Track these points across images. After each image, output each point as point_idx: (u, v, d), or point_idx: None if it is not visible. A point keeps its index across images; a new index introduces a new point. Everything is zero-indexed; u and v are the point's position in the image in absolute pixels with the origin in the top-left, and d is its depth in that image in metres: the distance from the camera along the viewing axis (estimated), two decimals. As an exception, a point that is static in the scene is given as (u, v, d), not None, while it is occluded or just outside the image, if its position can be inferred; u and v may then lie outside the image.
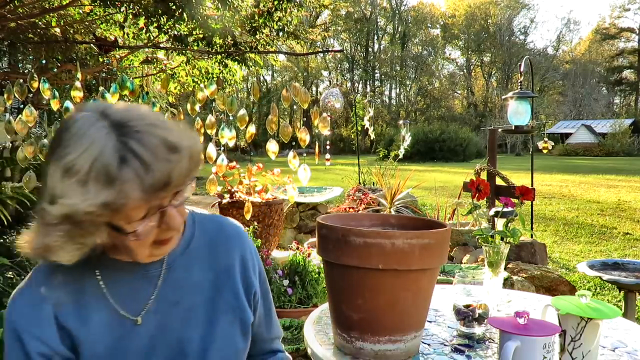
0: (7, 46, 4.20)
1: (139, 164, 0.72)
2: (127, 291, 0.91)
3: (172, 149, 0.75)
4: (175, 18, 3.41)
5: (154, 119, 0.78)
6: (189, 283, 0.96)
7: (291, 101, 3.15)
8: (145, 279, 0.93)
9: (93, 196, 0.71)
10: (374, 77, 50.77)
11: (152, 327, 0.92)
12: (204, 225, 1.03)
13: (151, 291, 0.93)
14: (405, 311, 1.11)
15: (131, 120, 0.76)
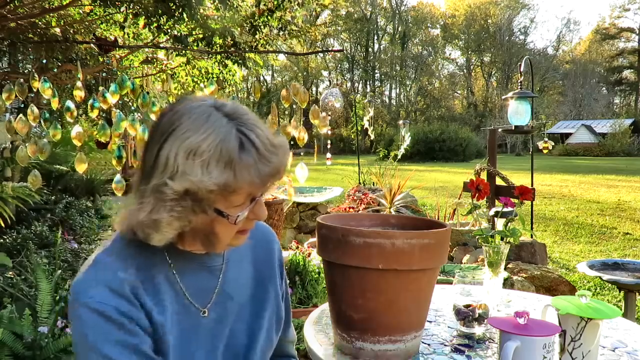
0: (7, 46, 4.19)
1: (255, 152, 0.80)
2: (195, 282, 0.94)
3: (274, 145, 0.83)
4: (175, 18, 3.41)
5: (255, 118, 0.86)
6: (241, 278, 1.02)
7: (291, 101, 3.15)
8: (209, 272, 0.97)
9: (216, 176, 0.78)
10: (374, 77, 50.77)
11: (213, 320, 0.95)
12: None
13: (215, 284, 0.97)
14: (405, 311, 1.11)
15: (243, 114, 0.84)
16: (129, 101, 4.68)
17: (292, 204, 5.52)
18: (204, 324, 0.94)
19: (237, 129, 0.81)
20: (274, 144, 0.83)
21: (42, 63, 4.12)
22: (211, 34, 3.87)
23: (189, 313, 0.92)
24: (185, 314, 0.91)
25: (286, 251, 3.87)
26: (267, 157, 0.81)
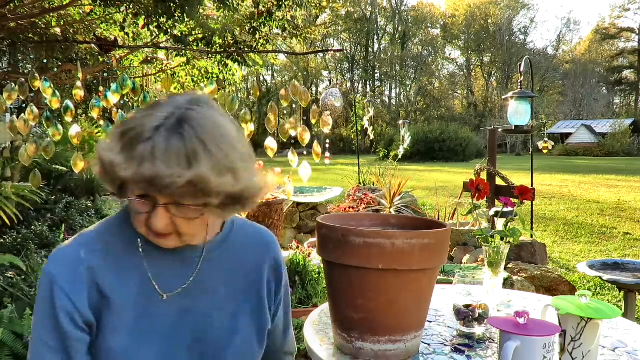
0: (7, 46, 4.20)
1: (150, 151, 0.77)
2: (164, 268, 0.95)
3: (188, 162, 0.77)
4: (175, 18, 3.41)
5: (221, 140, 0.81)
6: (221, 276, 1.00)
7: (291, 100, 3.15)
8: (182, 262, 0.96)
9: (110, 147, 0.81)
10: (374, 77, 50.77)
11: (178, 308, 0.95)
12: (244, 229, 1.08)
13: (187, 274, 0.96)
14: (405, 311, 1.11)
15: (199, 119, 0.81)
16: (129, 101, 4.69)
17: (292, 204, 5.52)
18: (165, 311, 0.93)
19: (172, 127, 0.79)
20: (190, 161, 0.77)
21: (43, 63, 4.12)
22: (211, 34, 3.87)
23: (152, 298, 0.93)
24: (148, 298, 0.93)
25: (286, 251, 3.87)
26: (155, 163, 0.77)
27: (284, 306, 1.14)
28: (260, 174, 0.92)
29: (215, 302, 0.98)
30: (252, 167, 0.89)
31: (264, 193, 0.93)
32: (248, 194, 0.87)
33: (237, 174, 0.82)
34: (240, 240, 1.05)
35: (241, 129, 0.91)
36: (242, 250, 1.04)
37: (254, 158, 0.91)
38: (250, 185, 0.86)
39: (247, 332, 1.01)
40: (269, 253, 1.09)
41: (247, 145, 0.89)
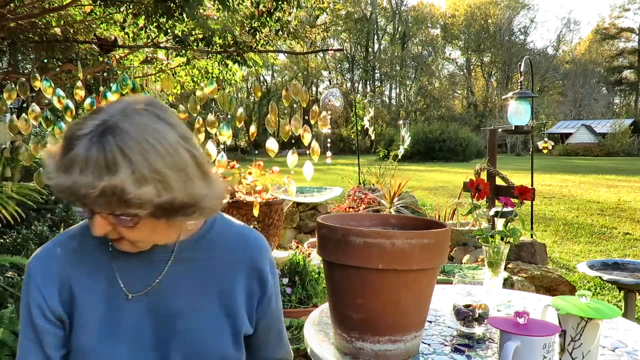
0: (7, 46, 4.20)
1: (71, 161, 0.76)
2: (132, 269, 0.96)
3: (106, 171, 0.75)
4: (175, 18, 3.41)
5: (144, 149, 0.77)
6: (194, 276, 0.98)
7: (291, 100, 3.15)
8: (150, 263, 0.96)
9: (53, 159, 0.80)
10: (374, 77, 50.77)
11: (144, 309, 0.95)
12: (227, 229, 1.05)
13: (155, 275, 0.96)
14: (405, 311, 1.11)
15: (120, 133, 0.77)
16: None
17: (292, 204, 5.52)
18: (131, 310, 0.94)
19: (101, 136, 0.77)
20: (109, 170, 0.75)
21: (43, 63, 4.12)
22: (211, 34, 3.87)
23: (118, 298, 0.95)
24: (114, 298, 0.95)
25: (286, 251, 3.87)
26: (70, 172, 0.76)
27: (273, 313, 1.09)
28: (214, 182, 0.89)
29: (186, 303, 0.96)
30: (194, 175, 0.83)
31: (215, 201, 0.90)
32: (187, 203, 0.82)
33: (166, 183, 0.78)
34: (220, 241, 1.02)
35: (189, 136, 0.86)
36: (221, 252, 1.01)
37: (203, 165, 0.86)
38: (190, 194, 0.82)
39: (221, 336, 0.98)
40: (251, 257, 1.04)
41: (191, 152, 0.84)
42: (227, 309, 0.99)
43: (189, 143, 0.84)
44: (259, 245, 1.06)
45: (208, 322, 0.97)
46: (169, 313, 0.96)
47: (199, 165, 0.85)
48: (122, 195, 0.76)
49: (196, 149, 0.86)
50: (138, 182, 0.76)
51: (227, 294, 1.00)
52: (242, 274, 1.02)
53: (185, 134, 0.85)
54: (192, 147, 0.85)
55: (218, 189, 0.91)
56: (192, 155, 0.84)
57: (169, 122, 0.83)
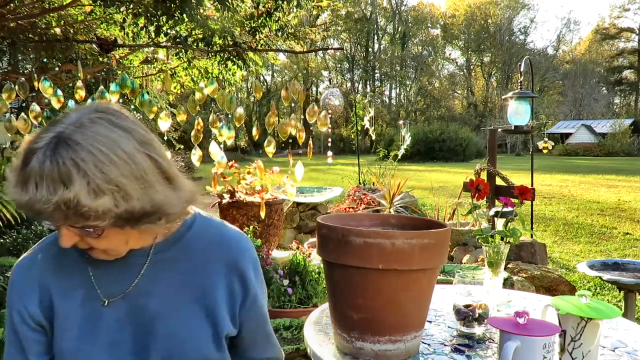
0: (7, 46, 4.20)
1: (27, 176, 0.75)
2: (107, 274, 0.96)
3: (61, 185, 0.74)
4: (175, 18, 3.41)
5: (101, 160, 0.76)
6: (172, 278, 0.97)
7: (291, 100, 3.16)
8: (126, 267, 0.96)
9: (13, 173, 0.79)
10: (374, 77, 50.77)
11: (122, 312, 0.95)
12: (205, 230, 1.03)
13: (131, 280, 0.96)
14: (405, 311, 1.11)
15: (74, 145, 0.76)
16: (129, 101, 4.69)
17: (292, 204, 5.51)
18: (108, 315, 0.94)
19: (56, 147, 0.76)
20: (61, 185, 0.73)
21: (43, 63, 4.12)
22: (211, 34, 3.87)
23: (95, 303, 0.95)
24: (92, 303, 0.95)
25: (286, 251, 3.87)
26: (26, 186, 0.75)
27: (258, 314, 1.07)
28: (180, 186, 0.87)
29: (165, 306, 0.95)
30: (155, 181, 0.81)
31: (183, 205, 0.88)
32: (149, 211, 0.80)
33: (123, 192, 0.77)
34: (198, 242, 1.00)
35: (148, 140, 0.83)
36: (200, 252, 0.99)
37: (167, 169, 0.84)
38: (152, 202, 0.80)
39: (201, 337, 0.97)
40: (231, 257, 1.01)
41: (151, 157, 0.82)
42: (208, 310, 0.98)
43: (148, 147, 0.82)
44: (239, 244, 1.04)
45: (188, 324, 0.96)
46: (147, 316, 0.95)
47: (161, 170, 0.83)
48: (78, 208, 0.74)
49: (158, 152, 0.84)
50: (94, 194, 0.74)
51: (207, 295, 0.98)
52: (222, 275, 1.00)
53: (144, 139, 0.82)
54: (153, 151, 0.83)
55: (185, 193, 0.88)
56: (153, 160, 0.82)
57: (125, 128, 0.81)
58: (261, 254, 3.22)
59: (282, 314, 2.98)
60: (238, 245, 1.04)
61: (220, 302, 0.99)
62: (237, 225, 3.73)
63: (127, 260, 0.95)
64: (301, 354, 2.54)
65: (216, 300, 0.98)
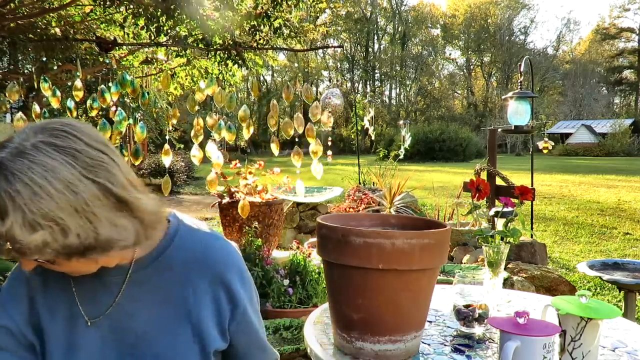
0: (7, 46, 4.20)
1: None
2: (89, 293, 0.92)
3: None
4: (175, 18, 3.41)
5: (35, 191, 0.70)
6: (153, 296, 0.93)
7: (292, 99, 3.16)
8: (104, 285, 0.92)
9: None
10: (374, 77, 50.76)
11: (106, 331, 0.91)
12: (186, 243, 0.97)
13: (110, 299, 0.92)
14: (405, 311, 1.11)
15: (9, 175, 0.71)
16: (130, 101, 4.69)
17: (292, 204, 5.51)
18: (91, 336, 0.90)
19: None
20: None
21: (43, 62, 4.12)
22: (211, 34, 3.87)
23: (78, 323, 0.91)
24: (74, 322, 0.91)
25: (286, 251, 3.87)
26: None
27: (249, 325, 1.01)
28: (138, 207, 0.80)
29: (148, 325, 0.92)
30: (103, 209, 0.75)
31: (144, 230, 0.82)
32: (93, 244, 0.75)
33: (63, 226, 0.71)
34: (180, 256, 0.95)
35: (98, 162, 0.76)
36: (182, 267, 0.94)
37: (120, 192, 0.77)
38: (97, 234, 0.75)
39: (188, 356, 0.93)
40: (215, 271, 0.95)
41: (98, 182, 0.75)
42: (193, 327, 0.93)
43: (96, 172, 0.75)
44: (223, 256, 0.98)
45: (174, 343, 0.92)
46: (132, 337, 0.91)
47: (113, 195, 0.76)
48: (13, 242, 0.70)
49: (108, 176, 0.76)
50: (29, 228, 0.70)
51: (191, 312, 0.94)
52: (206, 290, 0.95)
53: (93, 162, 0.75)
54: (103, 176, 0.76)
55: (147, 215, 0.82)
56: (101, 187, 0.75)
57: (69, 152, 0.74)
58: (261, 254, 3.22)
59: (282, 314, 2.98)
60: (222, 257, 0.98)
61: (207, 319, 0.94)
62: (237, 225, 3.75)
63: (105, 279, 0.91)
64: (301, 354, 2.54)
65: (202, 317, 0.94)
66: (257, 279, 3.11)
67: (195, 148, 3.23)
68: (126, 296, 0.92)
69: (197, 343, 0.93)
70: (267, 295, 3.10)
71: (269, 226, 3.82)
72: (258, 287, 3.09)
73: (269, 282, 3.11)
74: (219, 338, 0.96)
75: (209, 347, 0.94)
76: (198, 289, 0.94)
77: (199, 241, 0.97)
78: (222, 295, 0.96)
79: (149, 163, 12.28)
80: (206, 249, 0.97)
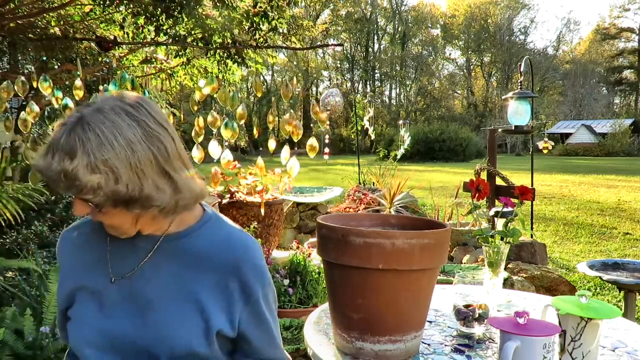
0: (7, 45, 4.20)
1: (46, 146, 0.85)
2: (120, 254, 1.04)
3: (67, 158, 0.83)
4: (174, 18, 3.41)
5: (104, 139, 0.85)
6: (172, 268, 1.02)
7: (290, 97, 3.16)
8: (135, 250, 1.03)
9: None
10: (374, 77, 50.74)
11: (126, 291, 1.01)
12: (215, 230, 1.06)
13: (137, 263, 1.02)
14: (405, 311, 1.11)
15: (85, 125, 0.85)
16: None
17: (292, 204, 5.51)
18: (113, 292, 1.02)
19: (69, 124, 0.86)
20: (50, 149, 0.84)
21: (43, 62, 4.12)
22: (210, 33, 3.87)
23: (105, 278, 1.03)
24: (103, 278, 1.03)
25: (286, 251, 3.87)
26: (41, 153, 0.85)
27: (261, 320, 1.05)
28: (182, 183, 0.92)
29: (159, 293, 1.00)
30: (152, 172, 0.89)
31: (180, 202, 0.93)
32: (135, 197, 0.87)
33: (116, 175, 0.84)
34: (207, 240, 1.03)
35: (157, 135, 0.90)
36: (204, 250, 1.02)
37: (168, 164, 0.91)
38: (141, 190, 0.87)
39: (190, 330, 0.99)
40: (233, 262, 1.02)
41: (153, 151, 0.89)
42: (199, 305, 1.00)
43: (153, 141, 0.89)
44: (244, 250, 1.04)
45: (178, 315, 0.99)
46: (144, 300, 1.00)
47: (162, 163, 0.90)
48: (75, 180, 0.83)
49: (161, 148, 0.90)
50: (90, 170, 0.83)
51: (202, 291, 1.00)
52: (220, 276, 1.01)
53: (152, 133, 0.89)
54: (156, 146, 0.89)
55: (185, 191, 0.94)
56: (154, 154, 0.89)
57: (137, 119, 0.88)
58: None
59: (282, 314, 2.98)
60: (243, 250, 1.04)
61: (215, 301, 1.01)
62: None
63: (137, 244, 1.02)
64: (301, 354, 2.54)
65: (210, 298, 1.00)
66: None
67: (196, 148, 3.23)
68: (150, 263, 1.02)
69: (202, 321, 1.00)
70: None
71: (269, 226, 3.82)
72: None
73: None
74: (225, 323, 1.01)
75: (213, 327, 1.00)
76: (213, 273, 1.02)
77: (225, 232, 1.06)
78: (235, 286, 1.02)
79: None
80: (229, 240, 1.05)
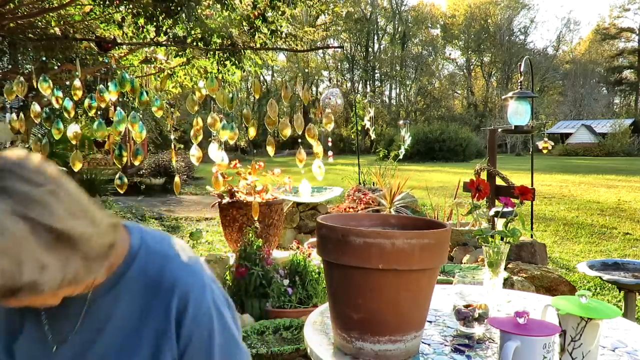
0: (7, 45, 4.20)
1: None
2: (55, 320, 0.93)
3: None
4: (174, 18, 3.41)
5: None
6: (109, 324, 0.91)
7: (291, 98, 3.15)
8: (67, 315, 0.91)
9: None
10: (374, 77, 50.75)
11: (69, 355, 0.92)
12: (146, 266, 0.92)
13: (72, 327, 0.91)
14: (405, 311, 1.11)
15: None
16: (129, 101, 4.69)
17: (292, 204, 5.51)
18: (57, 358, 0.92)
19: None
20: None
21: (42, 62, 4.12)
22: (210, 34, 3.87)
23: (44, 344, 0.92)
24: (41, 343, 0.92)
25: (286, 251, 3.87)
26: None
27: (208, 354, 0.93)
28: (83, 241, 0.74)
29: (105, 355, 0.91)
30: (33, 248, 0.69)
31: (88, 263, 0.76)
32: (18, 287, 0.70)
33: None
34: (137, 282, 0.91)
35: (38, 200, 0.70)
36: (137, 295, 0.91)
37: (57, 227, 0.71)
38: (24, 276, 0.69)
39: None
40: (169, 297, 0.90)
41: (32, 219, 0.69)
42: (154, 352, 0.90)
43: (31, 207, 0.69)
44: (177, 280, 0.91)
45: None
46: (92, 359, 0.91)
47: (46, 231, 0.70)
48: None
49: (45, 212, 0.70)
50: None
51: (151, 337, 0.90)
52: (162, 318, 0.90)
53: (28, 197, 0.69)
54: (37, 211, 0.69)
55: (92, 249, 0.76)
56: (34, 224, 0.69)
57: (4, 189, 0.69)
58: (261, 254, 3.22)
59: (282, 314, 2.98)
60: (176, 281, 0.91)
61: (161, 344, 0.90)
62: (237, 225, 3.75)
63: (67, 307, 0.89)
64: (301, 354, 2.54)
65: (158, 343, 0.90)
66: (257, 279, 3.11)
67: (194, 148, 3.23)
68: (86, 325, 0.90)
69: None
70: (267, 295, 3.10)
71: (269, 226, 3.82)
72: (258, 287, 3.10)
73: (269, 282, 3.11)
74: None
75: None
76: (152, 319, 0.90)
77: (156, 266, 0.92)
78: (170, 327, 0.90)
79: (148, 163, 12.29)
80: (161, 275, 0.91)
